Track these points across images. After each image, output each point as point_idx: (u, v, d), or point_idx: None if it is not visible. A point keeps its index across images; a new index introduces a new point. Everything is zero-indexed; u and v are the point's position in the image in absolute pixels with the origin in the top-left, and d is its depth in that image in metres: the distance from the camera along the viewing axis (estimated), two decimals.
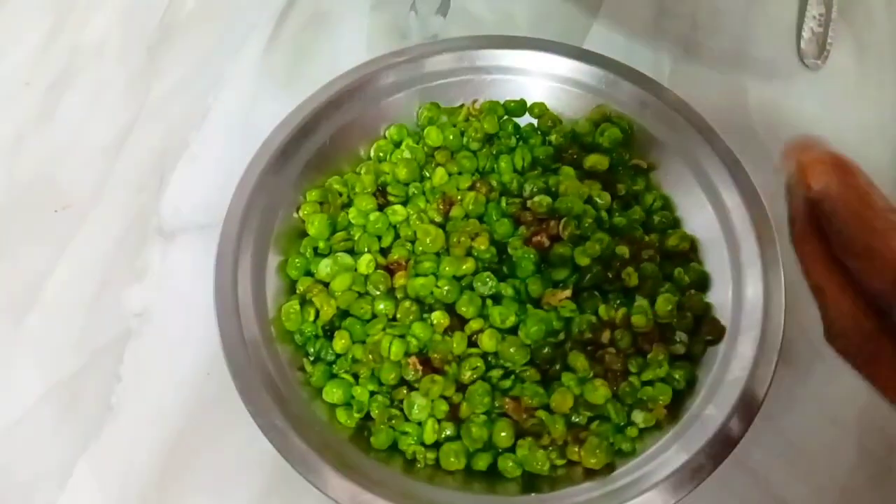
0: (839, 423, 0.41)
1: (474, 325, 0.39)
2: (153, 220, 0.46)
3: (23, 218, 0.46)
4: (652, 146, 0.44)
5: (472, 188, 0.43)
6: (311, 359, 0.39)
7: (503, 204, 0.43)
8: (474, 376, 0.38)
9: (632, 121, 0.45)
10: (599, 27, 0.53)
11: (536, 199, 0.42)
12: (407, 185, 0.44)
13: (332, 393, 0.37)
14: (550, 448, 0.36)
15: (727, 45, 0.54)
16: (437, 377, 0.37)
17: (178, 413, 0.40)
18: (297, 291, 0.40)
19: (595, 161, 0.43)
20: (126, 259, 0.45)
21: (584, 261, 0.40)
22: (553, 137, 0.45)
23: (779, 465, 0.39)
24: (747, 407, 0.35)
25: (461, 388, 0.38)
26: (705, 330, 0.39)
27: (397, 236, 0.42)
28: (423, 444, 0.37)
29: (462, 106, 0.47)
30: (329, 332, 0.39)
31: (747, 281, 0.39)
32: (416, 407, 0.37)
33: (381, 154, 0.45)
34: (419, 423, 0.37)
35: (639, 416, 0.37)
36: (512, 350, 0.38)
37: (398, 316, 0.39)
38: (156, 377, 0.41)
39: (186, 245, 0.45)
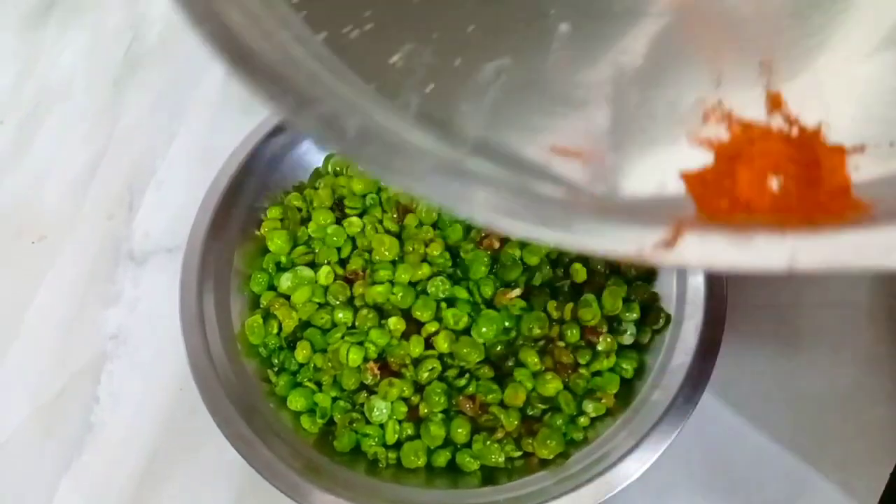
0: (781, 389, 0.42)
1: (430, 327, 0.40)
2: (124, 246, 0.48)
3: (1, 250, 0.48)
4: None
5: None
6: (276, 370, 0.41)
7: None
8: (431, 377, 0.39)
9: None
10: None
11: None
12: (363, 196, 0.45)
13: (296, 401, 0.39)
14: (505, 441, 0.38)
15: None
16: (395, 380, 0.39)
17: (154, 428, 0.42)
18: (261, 306, 0.42)
19: None
20: (100, 284, 0.47)
21: (532, 260, 0.41)
22: None
23: (729, 437, 0.41)
24: (691, 389, 0.37)
25: (419, 388, 0.39)
26: (652, 319, 0.40)
27: (355, 247, 0.44)
28: (384, 444, 0.38)
29: None
30: (292, 343, 0.41)
31: (690, 270, 0.40)
32: (376, 410, 0.38)
33: (337, 168, 0.47)
34: (380, 426, 0.39)
35: (589, 406, 0.38)
36: (466, 350, 0.39)
37: (357, 323, 0.41)
38: (131, 395, 0.43)
39: (157, 268, 0.47)
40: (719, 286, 0.39)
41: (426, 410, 0.39)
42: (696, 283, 0.40)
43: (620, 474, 0.35)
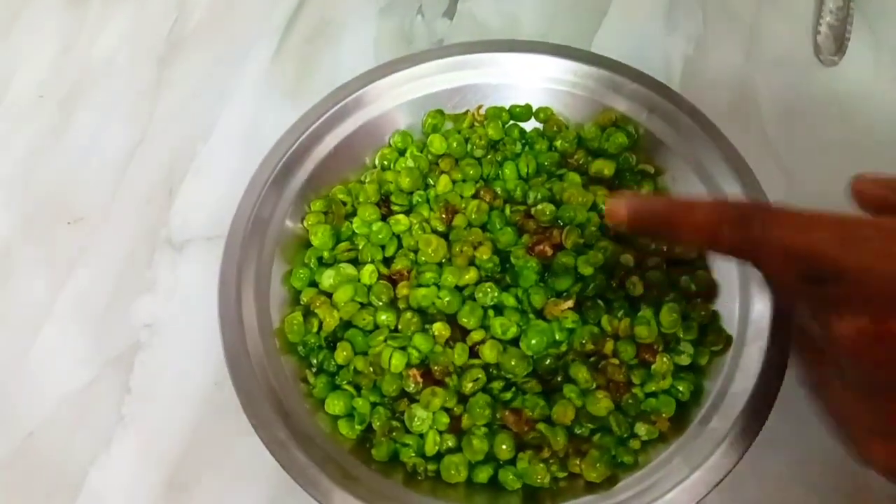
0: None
1: (476, 336, 0.38)
2: (162, 232, 0.47)
3: (36, 230, 0.48)
4: (659, 150, 0.44)
5: (475, 196, 0.43)
6: (314, 370, 0.39)
7: (507, 212, 0.42)
8: (475, 388, 0.37)
9: (638, 124, 0.44)
10: (607, 29, 0.53)
11: (540, 206, 0.41)
12: (410, 193, 0.44)
13: (334, 405, 0.38)
14: (551, 461, 0.36)
15: (739, 43, 0.53)
16: (438, 389, 0.37)
17: (187, 423, 0.41)
18: (301, 302, 0.41)
19: (600, 166, 0.43)
20: (136, 271, 0.46)
21: (587, 270, 0.39)
22: (559, 143, 0.45)
23: (785, 476, 0.39)
24: (752, 419, 0.35)
25: (462, 399, 0.38)
26: (711, 340, 0.38)
27: (400, 246, 0.42)
28: (423, 456, 0.37)
29: (467, 112, 0.46)
30: (332, 343, 0.40)
31: (755, 289, 0.38)
32: (416, 419, 0.37)
33: (384, 162, 0.45)
34: (420, 435, 0.37)
35: (642, 429, 0.36)
36: (513, 362, 0.37)
37: (400, 327, 0.39)
38: (165, 388, 0.42)
39: (195, 256, 0.46)
40: (787, 308, 0.37)
41: (469, 423, 0.37)
42: (763, 303, 0.37)
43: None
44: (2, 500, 0.40)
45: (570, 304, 0.39)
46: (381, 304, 0.40)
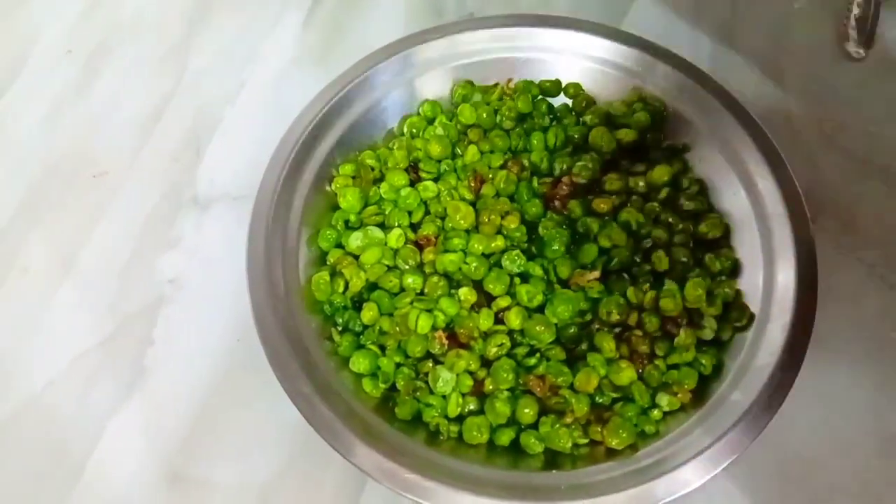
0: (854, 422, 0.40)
1: (501, 302, 0.39)
2: (188, 191, 0.47)
3: (60, 183, 0.47)
4: (687, 130, 0.44)
5: (503, 167, 0.43)
6: (340, 329, 0.39)
7: (534, 184, 0.43)
8: (500, 353, 0.38)
9: (666, 103, 0.44)
10: (638, 8, 0.53)
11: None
12: (439, 161, 0.44)
13: (359, 363, 0.38)
14: (573, 426, 0.36)
15: (767, 31, 0.53)
16: (463, 352, 0.38)
17: (208, 378, 0.41)
18: (328, 263, 0.41)
19: (623, 134, 0.43)
20: (161, 227, 0.46)
21: (606, 243, 0.39)
22: (588, 118, 0.45)
23: (804, 452, 0.39)
24: (774, 393, 0.35)
25: (486, 363, 0.38)
26: (734, 316, 0.38)
27: (427, 212, 0.42)
28: (446, 417, 0.37)
29: (496, 85, 0.47)
30: (357, 304, 0.40)
31: (779, 268, 0.38)
32: (440, 380, 0.37)
33: (413, 130, 0.45)
34: (443, 397, 0.37)
35: (663, 399, 0.37)
36: (538, 328, 0.38)
37: (426, 290, 0.39)
38: (187, 342, 0.42)
39: (220, 215, 0.46)
40: (811, 289, 0.37)
41: (491, 387, 0.37)
42: (786, 282, 0.38)
43: (694, 472, 0.34)
44: (19, 449, 0.40)
45: (596, 274, 0.39)
46: (407, 267, 0.40)
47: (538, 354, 0.38)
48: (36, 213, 0.47)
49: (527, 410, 0.36)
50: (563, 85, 0.46)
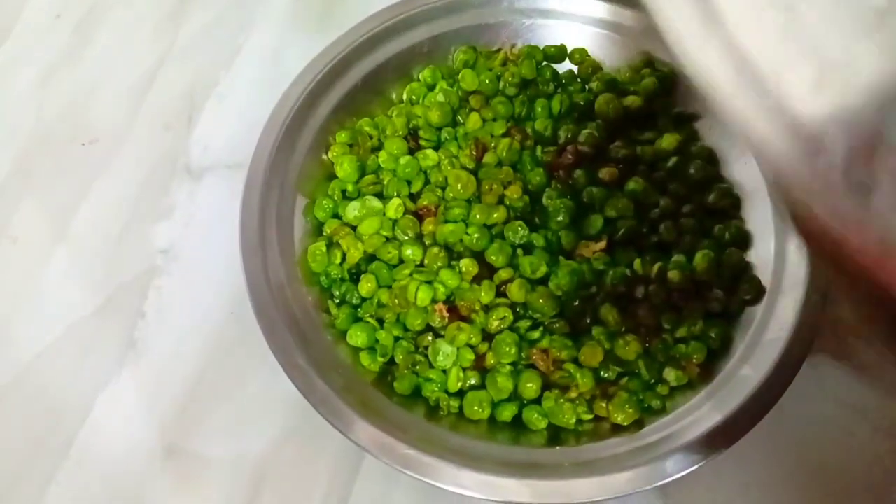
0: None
1: (503, 274, 0.38)
2: (181, 159, 0.45)
3: (50, 151, 0.46)
4: (696, 96, 0.42)
5: (506, 135, 0.42)
6: (337, 301, 0.38)
7: (538, 152, 0.41)
8: (501, 326, 0.37)
9: (674, 68, 0.43)
10: None
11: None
12: (439, 129, 0.42)
13: (357, 336, 0.37)
14: (577, 401, 0.35)
15: None
16: (464, 325, 0.36)
17: (201, 352, 0.40)
18: (324, 233, 0.40)
19: (630, 101, 0.42)
20: (153, 196, 0.44)
21: (612, 213, 0.38)
22: (593, 85, 0.43)
23: (817, 428, 0.38)
24: (786, 368, 0.34)
25: (488, 337, 0.37)
26: (744, 289, 0.37)
27: (427, 181, 0.41)
28: (447, 391, 0.36)
29: (499, 50, 0.45)
30: (355, 276, 0.39)
31: (790, 239, 0.37)
32: (441, 354, 0.36)
33: (413, 97, 0.44)
34: (444, 371, 0.36)
35: (671, 374, 0.36)
36: (541, 301, 0.37)
37: (426, 262, 0.38)
38: (179, 314, 0.41)
39: (214, 184, 0.45)
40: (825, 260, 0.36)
41: (493, 361, 0.36)
42: (798, 255, 0.36)
43: (702, 451, 0.33)
44: (8, 422, 0.39)
45: (601, 245, 0.38)
46: (406, 238, 0.39)
47: (541, 328, 0.37)
48: (26, 181, 0.45)
49: (530, 385, 0.35)
50: (569, 50, 0.45)
